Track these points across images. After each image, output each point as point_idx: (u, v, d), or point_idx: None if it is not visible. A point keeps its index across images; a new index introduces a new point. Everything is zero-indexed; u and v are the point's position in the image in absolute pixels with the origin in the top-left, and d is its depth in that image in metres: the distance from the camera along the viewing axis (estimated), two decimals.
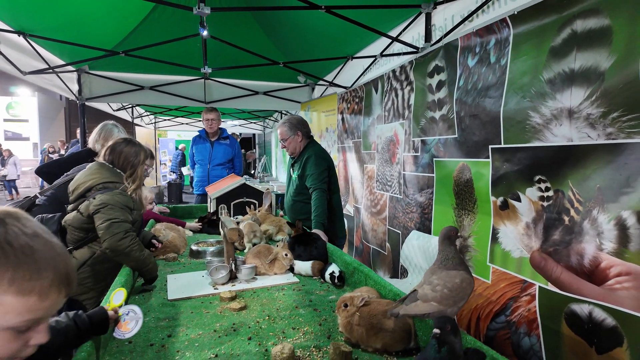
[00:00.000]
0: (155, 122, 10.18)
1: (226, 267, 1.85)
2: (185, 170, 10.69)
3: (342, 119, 4.30)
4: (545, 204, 1.78)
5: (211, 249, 2.39)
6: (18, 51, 3.35)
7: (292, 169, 2.78)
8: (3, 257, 0.54)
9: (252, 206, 3.04)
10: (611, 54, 1.46)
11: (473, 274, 2.28)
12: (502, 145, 2.00)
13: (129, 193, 1.91)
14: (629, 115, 1.40)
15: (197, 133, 4.09)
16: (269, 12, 3.92)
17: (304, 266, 1.98)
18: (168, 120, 9.89)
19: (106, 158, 1.97)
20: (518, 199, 1.93)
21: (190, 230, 2.99)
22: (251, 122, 10.81)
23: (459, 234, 1.19)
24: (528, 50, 1.85)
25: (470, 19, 2.29)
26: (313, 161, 2.53)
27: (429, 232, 2.67)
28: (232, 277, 1.86)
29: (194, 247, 2.37)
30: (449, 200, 2.48)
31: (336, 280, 1.78)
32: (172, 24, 3.97)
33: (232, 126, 11.00)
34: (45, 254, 0.57)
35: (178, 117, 9.28)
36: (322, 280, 1.88)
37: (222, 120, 10.61)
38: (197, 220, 3.11)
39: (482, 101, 2.13)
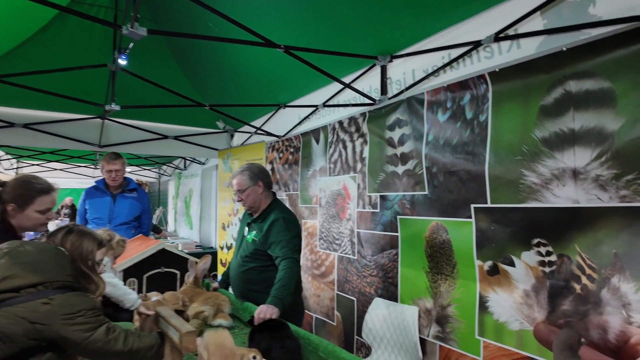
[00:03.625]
0: (17, 168, 8.28)
1: None
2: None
3: (272, 169, 3.92)
4: (547, 269, 1.64)
5: None
6: None
7: (249, 228, 2.25)
8: None
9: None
10: (619, 116, 1.43)
11: (457, 349, 2.04)
12: (489, 205, 1.87)
13: None
14: None
15: (94, 184, 3.22)
16: (188, 50, 3.49)
17: None
18: (36, 165, 8.15)
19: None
20: (511, 264, 1.77)
21: None
22: (144, 169, 9.60)
23: (582, 340, 0.90)
24: (513, 108, 1.79)
25: (436, 74, 2.23)
26: (281, 226, 2.05)
27: (395, 300, 2.38)
28: None
29: None
30: (419, 262, 2.25)
31: None
32: (67, 49, 3.23)
33: None
34: None
35: (51, 161, 7.71)
36: None
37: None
38: None
39: (460, 157, 2.01)
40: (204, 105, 3.37)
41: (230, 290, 2.42)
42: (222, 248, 4.92)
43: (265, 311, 1.65)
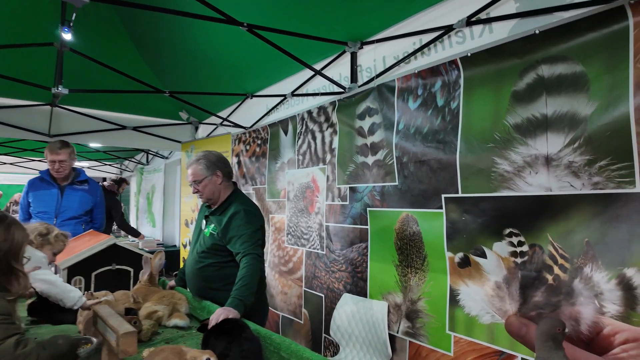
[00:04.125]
0: None
1: None
2: None
3: (239, 163, 3.75)
4: (519, 260, 1.59)
5: None
6: None
7: (206, 222, 2.07)
8: None
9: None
10: (591, 100, 1.39)
11: (428, 345, 1.97)
12: (460, 195, 1.80)
13: None
14: (618, 164, 1.32)
15: (38, 174, 2.93)
16: (148, 33, 3.27)
17: None
18: None
19: None
20: (483, 255, 1.72)
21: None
22: (105, 164, 9.11)
23: (566, 330, 0.81)
24: (485, 94, 1.74)
25: (407, 60, 2.16)
26: (242, 218, 1.88)
27: (365, 295, 2.29)
28: None
29: None
30: (389, 256, 2.16)
31: None
32: (9, 29, 2.93)
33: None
34: None
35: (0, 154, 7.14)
36: None
37: None
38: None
39: (431, 146, 1.94)
40: (164, 92, 3.16)
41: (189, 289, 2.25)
42: (185, 246, 4.69)
43: (220, 316, 1.50)
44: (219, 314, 1.49)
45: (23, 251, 1.32)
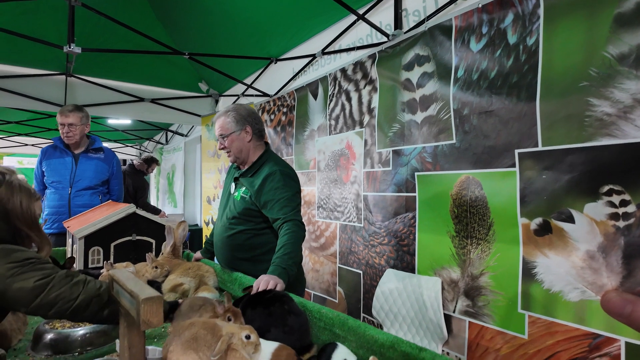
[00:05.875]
0: None
1: None
2: None
3: None
4: (621, 223, 1.29)
5: (81, 331, 1.29)
6: None
7: (236, 185, 1.83)
8: None
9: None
10: None
11: (494, 326, 1.70)
12: (540, 149, 1.50)
13: None
14: None
15: (51, 142, 2.74)
16: None
17: (265, 351, 1.08)
18: (1, 139, 7.48)
19: None
20: (569, 220, 1.42)
21: None
22: (126, 145, 9.01)
23: None
24: (574, 23, 1.41)
25: None
26: (279, 180, 1.63)
27: (412, 271, 2.02)
28: None
29: (47, 331, 1.24)
30: (442, 226, 1.88)
31: None
32: None
33: None
34: None
35: (20, 134, 7.06)
36: None
37: None
38: None
39: (501, 93, 1.63)
40: (183, 54, 2.91)
41: (216, 260, 2.03)
42: (207, 224, 4.51)
43: (267, 281, 1.26)
44: (264, 281, 1.25)
45: (33, 211, 1.13)
